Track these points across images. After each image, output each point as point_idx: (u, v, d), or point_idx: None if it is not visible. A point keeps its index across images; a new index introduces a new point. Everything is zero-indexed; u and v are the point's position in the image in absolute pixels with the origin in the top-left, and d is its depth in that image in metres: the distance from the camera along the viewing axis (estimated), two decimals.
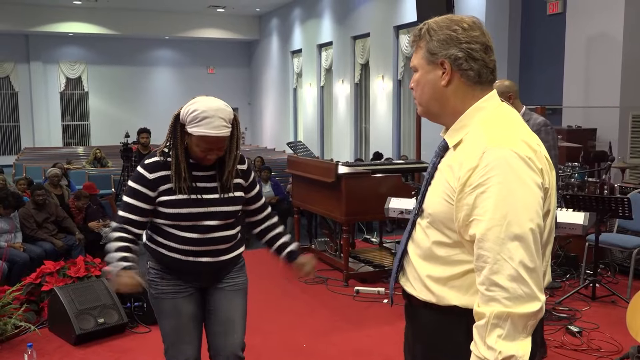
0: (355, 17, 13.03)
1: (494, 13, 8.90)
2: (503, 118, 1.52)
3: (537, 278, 1.38)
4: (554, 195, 1.52)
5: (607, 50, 7.13)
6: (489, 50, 1.54)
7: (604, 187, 6.09)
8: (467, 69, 1.52)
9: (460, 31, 1.52)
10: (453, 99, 1.55)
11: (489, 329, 1.37)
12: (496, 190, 1.38)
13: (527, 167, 1.40)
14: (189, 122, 2.30)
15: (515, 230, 1.36)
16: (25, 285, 4.69)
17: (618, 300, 4.90)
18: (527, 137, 1.47)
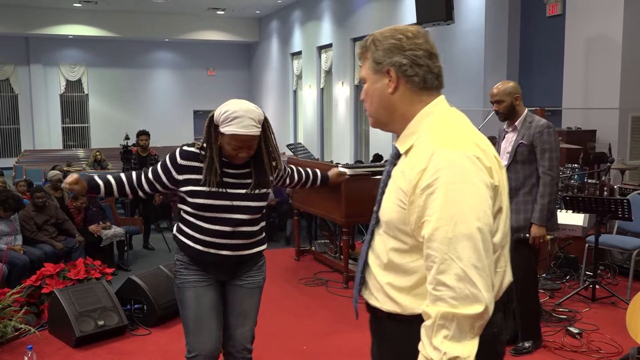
0: (355, 19, 13.04)
1: (494, 15, 8.91)
2: (451, 121, 1.54)
3: (486, 278, 1.37)
4: (505, 194, 1.53)
5: (607, 52, 7.14)
6: (434, 56, 1.57)
7: (603, 189, 6.09)
8: (412, 74, 1.54)
9: (404, 39, 1.55)
10: (400, 105, 1.57)
11: (435, 329, 1.37)
12: (444, 191, 1.39)
13: (475, 166, 1.41)
14: (221, 122, 2.50)
15: (462, 229, 1.37)
16: (25, 288, 4.69)
17: (618, 302, 4.91)
18: (476, 138, 1.49)
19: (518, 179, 3.81)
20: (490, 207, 1.42)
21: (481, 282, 1.36)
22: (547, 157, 3.74)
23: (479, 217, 1.38)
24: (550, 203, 3.77)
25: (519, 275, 3.83)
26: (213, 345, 2.63)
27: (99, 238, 6.64)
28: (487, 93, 4.01)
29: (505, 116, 3.89)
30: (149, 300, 4.57)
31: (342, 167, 6.35)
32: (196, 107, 20.28)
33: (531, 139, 3.77)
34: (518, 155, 3.81)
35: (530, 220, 3.77)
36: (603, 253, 5.62)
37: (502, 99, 3.84)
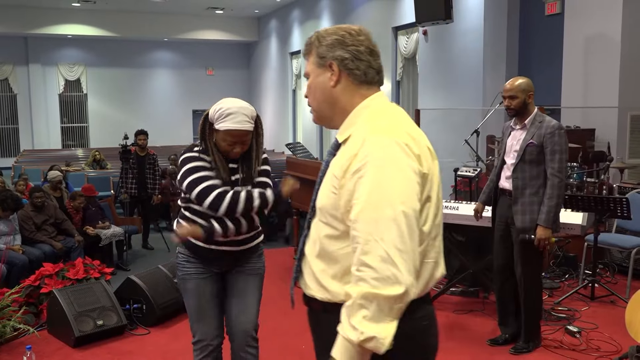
0: (354, 18, 13.04)
1: (493, 13, 8.90)
2: (387, 113, 1.60)
3: (409, 261, 1.39)
4: (436, 184, 1.56)
5: (606, 51, 7.13)
6: (374, 54, 1.67)
7: (602, 187, 6.09)
8: (353, 68, 1.61)
9: (347, 36, 1.63)
10: (342, 98, 1.63)
11: (355, 308, 1.38)
12: (372, 175, 1.42)
13: (404, 152, 1.45)
14: (216, 120, 2.60)
15: (387, 212, 1.39)
16: (24, 288, 4.69)
17: (617, 300, 4.91)
18: (408, 128, 1.55)
19: (525, 178, 3.78)
20: (417, 193, 1.46)
21: (403, 265, 1.38)
22: (557, 159, 3.69)
23: (404, 201, 1.41)
24: (558, 205, 3.73)
25: (525, 277, 3.88)
26: (215, 331, 2.77)
27: (98, 238, 6.63)
28: (501, 88, 3.94)
29: (516, 113, 3.83)
30: (148, 300, 4.57)
31: None
32: (195, 106, 20.27)
33: (542, 139, 3.71)
34: (527, 154, 3.76)
35: (537, 222, 3.73)
36: (602, 252, 5.63)
37: (516, 95, 3.79)
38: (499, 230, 4.02)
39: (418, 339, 1.56)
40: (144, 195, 7.67)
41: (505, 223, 3.95)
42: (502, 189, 3.97)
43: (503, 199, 3.97)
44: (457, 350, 4.09)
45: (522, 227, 3.78)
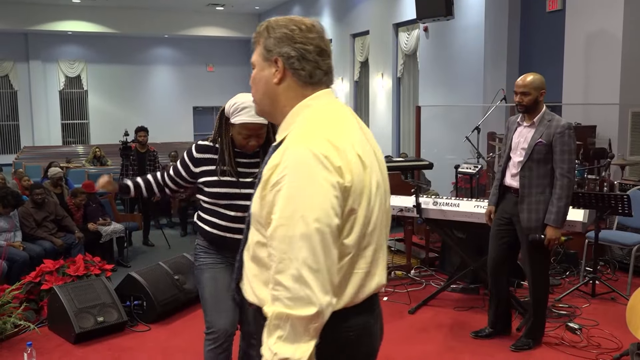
0: (355, 14, 13.01)
1: (493, 10, 8.88)
2: (324, 115, 1.53)
3: (323, 280, 1.36)
4: (365, 195, 1.48)
5: (607, 47, 7.12)
6: (324, 54, 1.57)
7: (603, 185, 6.08)
8: (298, 68, 1.54)
9: (297, 31, 1.54)
10: (283, 97, 1.57)
11: (271, 329, 1.37)
12: (287, 189, 1.38)
13: (321, 165, 1.39)
14: (232, 114, 2.68)
15: (300, 229, 1.35)
16: (25, 284, 4.69)
17: (618, 297, 4.91)
18: (336, 135, 1.46)
19: (532, 177, 3.75)
20: (334, 207, 1.39)
21: (316, 284, 1.34)
22: (567, 160, 3.66)
23: (319, 218, 1.36)
24: (567, 206, 3.71)
25: (535, 279, 3.89)
26: (228, 322, 2.81)
27: (98, 234, 6.63)
28: (516, 82, 3.90)
29: (526, 109, 3.80)
30: (149, 296, 4.57)
31: None
32: (195, 103, 20.25)
33: (551, 138, 3.68)
34: (535, 153, 3.73)
35: (545, 222, 3.71)
36: (603, 249, 5.62)
37: (529, 91, 3.76)
38: (497, 226, 4.01)
39: (347, 351, 1.54)
40: None
41: (508, 220, 3.94)
42: (507, 187, 3.95)
43: (509, 197, 3.95)
44: (457, 348, 4.09)
45: (528, 226, 3.77)
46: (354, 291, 1.51)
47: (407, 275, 5.67)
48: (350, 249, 1.47)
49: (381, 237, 1.59)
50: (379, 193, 1.55)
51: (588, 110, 7.36)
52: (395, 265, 5.81)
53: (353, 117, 1.61)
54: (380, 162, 1.62)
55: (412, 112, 10.87)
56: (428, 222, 5.00)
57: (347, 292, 1.49)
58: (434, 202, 4.81)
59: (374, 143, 1.66)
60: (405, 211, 4.99)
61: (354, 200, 1.45)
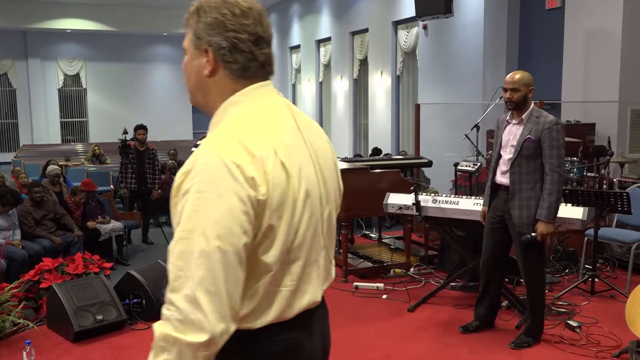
0: (354, 12, 13.00)
1: (493, 7, 8.88)
2: (252, 115, 1.38)
3: (220, 304, 1.21)
4: (288, 207, 1.32)
5: (606, 45, 7.11)
6: (262, 41, 1.40)
7: (602, 182, 6.08)
8: (230, 61, 1.38)
9: (229, 16, 1.36)
10: (214, 91, 1.42)
11: (156, 350, 1.24)
12: (192, 200, 1.24)
13: (229, 176, 1.24)
14: None
15: (200, 245, 1.22)
16: (24, 283, 4.68)
17: (617, 295, 4.91)
18: (256, 140, 1.31)
19: (522, 173, 3.79)
20: (241, 225, 1.24)
21: (211, 309, 1.21)
22: (556, 155, 3.70)
23: (221, 236, 1.22)
24: (558, 201, 3.75)
25: (530, 276, 3.91)
26: None
27: (97, 233, 6.63)
28: (505, 79, 3.96)
29: (516, 106, 3.84)
30: (148, 294, 4.57)
31: (341, 161, 6.34)
32: None
33: (539, 134, 3.73)
34: (524, 150, 3.76)
35: (537, 217, 3.74)
36: (602, 246, 5.62)
37: (519, 88, 3.82)
38: (490, 224, 4.05)
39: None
40: (144, 190, 7.66)
41: (500, 217, 3.98)
42: (498, 185, 3.98)
43: (499, 194, 3.99)
44: (457, 345, 4.09)
45: (519, 222, 3.80)
46: (279, 310, 1.37)
47: (407, 273, 5.67)
48: (270, 266, 1.33)
49: (314, 251, 1.43)
50: (310, 203, 1.38)
51: (587, 108, 7.35)
52: (395, 263, 5.80)
53: (289, 115, 1.45)
54: (324, 166, 1.47)
55: (412, 110, 10.86)
56: (427, 220, 5.00)
57: (271, 312, 1.36)
58: (433, 200, 4.81)
59: (321, 144, 1.52)
60: (404, 209, 4.99)
61: (272, 215, 1.29)
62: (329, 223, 1.50)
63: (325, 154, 1.51)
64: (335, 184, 1.57)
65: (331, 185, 1.52)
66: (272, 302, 1.36)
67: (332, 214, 1.52)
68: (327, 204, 1.48)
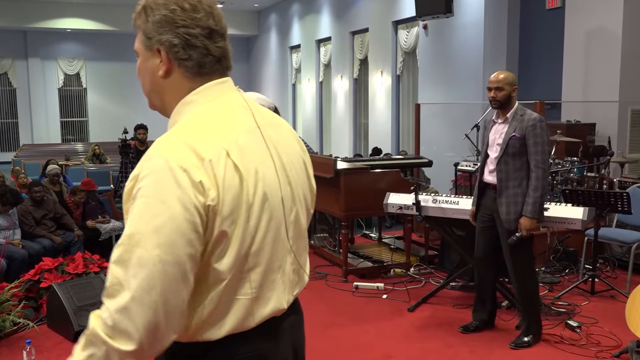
0: (354, 12, 13.00)
1: (493, 7, 8.87)
2: (206, 115, 1.32)
3: (153, 316, 1.16)
4: (242, 211, 1.26)
5: (606, 45, 7.11)
6: (215, 34, 1.34)
7: (603, 182, 6.08)
8: (184, 58, 1.32)
9: (178, 12, 1.30)
10: (171, 92, 1.36)
11: (86, 341, 1.23)
12: (137, 206, 1.19)
13: (174, 181, 1.18)
14: None
15: (138, 254, 1.16)
16: (24, 282, 4.68)
17: (617, 295, 4.91)
18: (206, 141, 1.25)
19: (508, 170, 3.86)
20: (184, 233, 1.17)
21: (143, 321, 1.16)
22: (540, 151, 3.78)
23: (160, 244, 1.16)
24: (543, 196, 3.82)
25: (520, 276, 3.93)
26: None
27: (97, 232, 6.62)
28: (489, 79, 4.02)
29: (500, 105, 3.92)
30: None
31: (341, 161, 6.33)
32: None
33: (524, 132, 3.81)
34: (510, 147, 3.84)
35: (523, 213, 3.80)
36: (602, 246, 5.62)
37: (503, 87, 3.88)
38: (481, 222, 4.13)
39: None
40: None
41: (490, 216, 4.04)
42: (486, 183, 4.05)
43: (488, 193, 4.06)
44: (457, 345, 4.09)
45: (507, 218, 3.86)
46: (239, 319, 1.31)
47: (407, 273, 5.67)
48: (223, 274, 1.26)
49: (276, 257, 1.36)
50: (269, 206, 1.32)
51: (588, 108, 7.35)
52: (395, 262, 5.80)
53: (247, 113, 1.38)
54: (288, 165, 1.41)
55: (412, 110, 10.86)
56: (427, 220, 5.00)
57: (230, 321, 1.30)
58: (433, 200, 4.81)
59: (288, 143, 1.46)
60: (404, 209, 4.99)
61: (224, 221, 1.23)
62: (295, 226, 1.43)
63: (291, 153, 1.45)
64: (305, 184, 1.51)
65: (298, 186, 1.45)
66: (231, 312, 1.30)
67: (299, 216, 1.45)
68: (294, 205, 1.42)
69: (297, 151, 1.49)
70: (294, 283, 1.45)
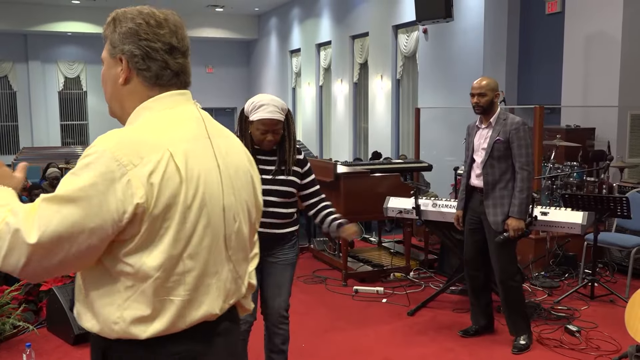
0: (354, 16, 13.03)
1: (493, 12, 8.90)
2: (159, 120, 1.40)
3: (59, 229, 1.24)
4: (177, 213, 1.31)
5: (606, 50, 7.13)
6: (176, 51, 1.44)
7: (602, 187, 6.09)
8: (143, 68, 1.42)
9: (144, 26, 1.42)
10: (129, 99, 1.45)
11: None
12: (68, 175, 1.31)
13: (105, 170, 1.27)
14: (250, 112, 2.91)
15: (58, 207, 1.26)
16: (24, 285, 4.68)
17: (616, 300, 4.91)
18: (151, 142, 1.32)
19: (494, 174, 3.93)
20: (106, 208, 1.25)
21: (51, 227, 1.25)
22: (525, 153, 3.87)
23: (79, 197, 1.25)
24: (529, 197, 3.91)
25: (505, 276, 3.98)
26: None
27: None
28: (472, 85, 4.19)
29: (483, 110, 4.04)
30: None
31: (340, 165, 6.34)
32: None
33: (507, 135, 3.89)
34: (495, 151, 3.92)
35: (509, 214, 3.88)
36: (602, 251, 5.63)
37: (486, 92, 4.03)
38: (469, 224, 4.18)
39: None
40: None
41: (477, 219, 4.10)
42: (473, 187, 4.12)
43: (475, 196, 4.12)
44: (456, 350, 4.09)
45: (494, 220, 3.93)
46: (171, 320, 1.35)
47: (406, 277, 5.67)
48: (152, 270, 1.30)
49: (213, 263, 1.40)
50: (207, 212, 1.36)
51: (587, 113, 7.37)
52: (394, 266, 5.81)
53: (199, 123, 1.45)
54: (235, 177, 1.46)
55: (412, 114, 10.87)
56: (427, 224, 5.01)
57: (162, 320, 1.34)
58: (433, 204, 4.82)
59: (237, 157, 1.51)
60: (404, 213, 5.00)
61: (155, 219, 1.29)
62: (238, 236, 1.47)
63: (239, 166, 1.50)
64: (250, 198, 1.54)
65: (244, 198, 1.50)
66: (163, 311, 1.34)
67: (242, 227, 1.48)
68: (237, 216, 1.46)
69: (245, 165, 1.54)
70: (230, 292, 1.48)
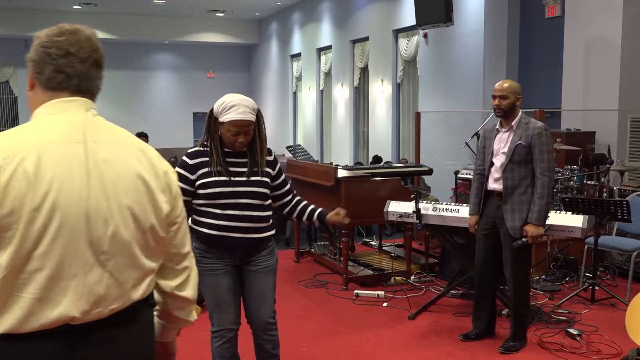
0: (355, 21, 13.05)
1: (493, 16, 8.92)
2: (32, 125, 1.46)
3: None
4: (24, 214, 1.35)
5: (606, 54, 7.14)
6: (72, 57, 1.54)
7: (602, 190, 6.09)
8: (38, 72, 1.51)
9: (43, 37, 1.53)
10: (33, 105, 1.54)
11: None
12: None
13: None
14: (220, 113, 2.83)
15: None
16: None
17: (617, 303, 4.91)
18: (4, 146, 1.38)
19: (514, 178, 3.88)
20: None
21: None
22: (546, 159, 3.82)
23: None
24: (548, 204, 3.86)
25: (518, 280, 3.97)
26: (232, 319, 2.99)
27: None
28: (494, 87, 4.04)
29: (504, 113, 3.94)
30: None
31: (341, 169, 6.35)
32: (196, 109, 20.27)
33: (529, 140, 3.84)
34: (515, 155, 3.87)
35: (528, 220, 3.83)
36: (602, 254, 5.63)
37: (508, 95, 3.91)
38: (482, 230, 4.14)
39: None
40: None
41: (492, 223, 4.06)
42: (490, 191, 4.07)
43: (491, 201, 4.08)
44: (457, 354, 4.09)
45: (512, 225, 3.88)
46: (21, 316, 1.38)
47: (407, 281, 5.67)
48: (2, 268, 1.35)
49: (69, 265, 1.41)
50: (61, 215, 1.39)
51: (587, 116, 7.38)
52: (395, 270, 5.81)
53: (77, 129, 1.48)
54: (112, 182, 1.47)
55: (412, 118, 10.89)
56: (428, 228, 5.01)
57: (11, 316, 1.37)
58: (433, 208, 4.82)
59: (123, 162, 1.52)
60: (405, 217, 5.00)
61: (1, 219, 1.34)
62: (113, 241, 1.46)
63: (123, 172, 1.50)
64: (141, 203, 1.53)
65: (125, 203, 1.49)
66: (13, 307, 1.37)
67: (119, 232, 1.47)
68: (111, 220, 1.46)
69: (134, 171, 1.53)
70: (107, 297, 1.47)
